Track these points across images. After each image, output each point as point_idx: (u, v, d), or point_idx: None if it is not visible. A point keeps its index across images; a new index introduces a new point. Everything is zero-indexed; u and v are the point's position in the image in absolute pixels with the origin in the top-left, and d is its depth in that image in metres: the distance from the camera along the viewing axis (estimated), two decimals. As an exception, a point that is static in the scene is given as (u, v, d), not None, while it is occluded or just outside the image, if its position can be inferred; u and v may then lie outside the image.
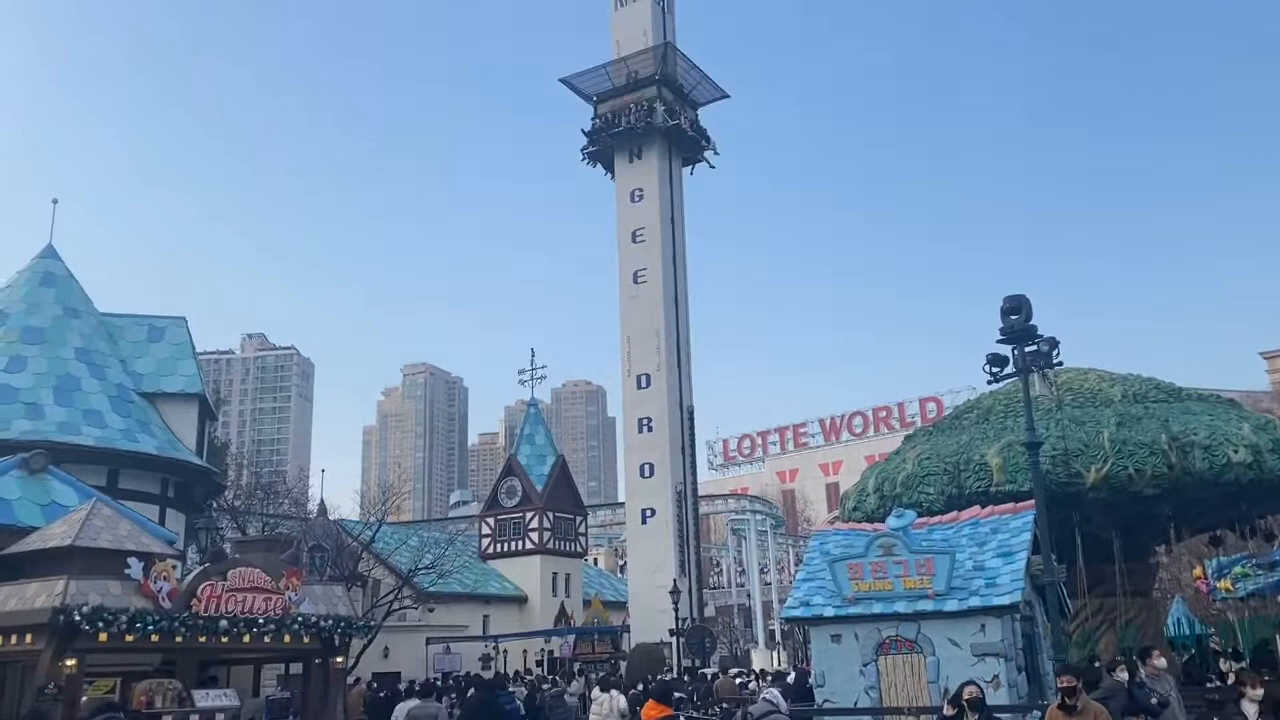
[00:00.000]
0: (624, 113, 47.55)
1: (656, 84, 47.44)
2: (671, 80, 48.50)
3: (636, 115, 46.89)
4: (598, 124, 48.64)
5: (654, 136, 47.34)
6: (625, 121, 47.01)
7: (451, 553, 40.56)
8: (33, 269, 28.63)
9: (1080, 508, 21.87)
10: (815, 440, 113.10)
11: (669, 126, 47.10)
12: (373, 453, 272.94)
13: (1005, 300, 17.44)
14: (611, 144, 48.09)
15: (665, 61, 47.79)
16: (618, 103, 48.14)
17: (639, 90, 47.85)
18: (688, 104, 49.84)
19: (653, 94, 47.33)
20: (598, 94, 49.52)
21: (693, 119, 49.97)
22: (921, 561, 16.66)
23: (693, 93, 50.58)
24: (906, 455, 25.69)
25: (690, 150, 49.99)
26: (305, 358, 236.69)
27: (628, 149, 48.10)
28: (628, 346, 47.56)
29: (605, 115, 48.49)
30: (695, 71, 50.10)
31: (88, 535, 16.68)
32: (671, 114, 47.32)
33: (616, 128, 47.35)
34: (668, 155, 48.14)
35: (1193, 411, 23.19)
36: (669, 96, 47.92)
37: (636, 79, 47.85)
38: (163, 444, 26.61)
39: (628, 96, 47.98)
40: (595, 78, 49.96)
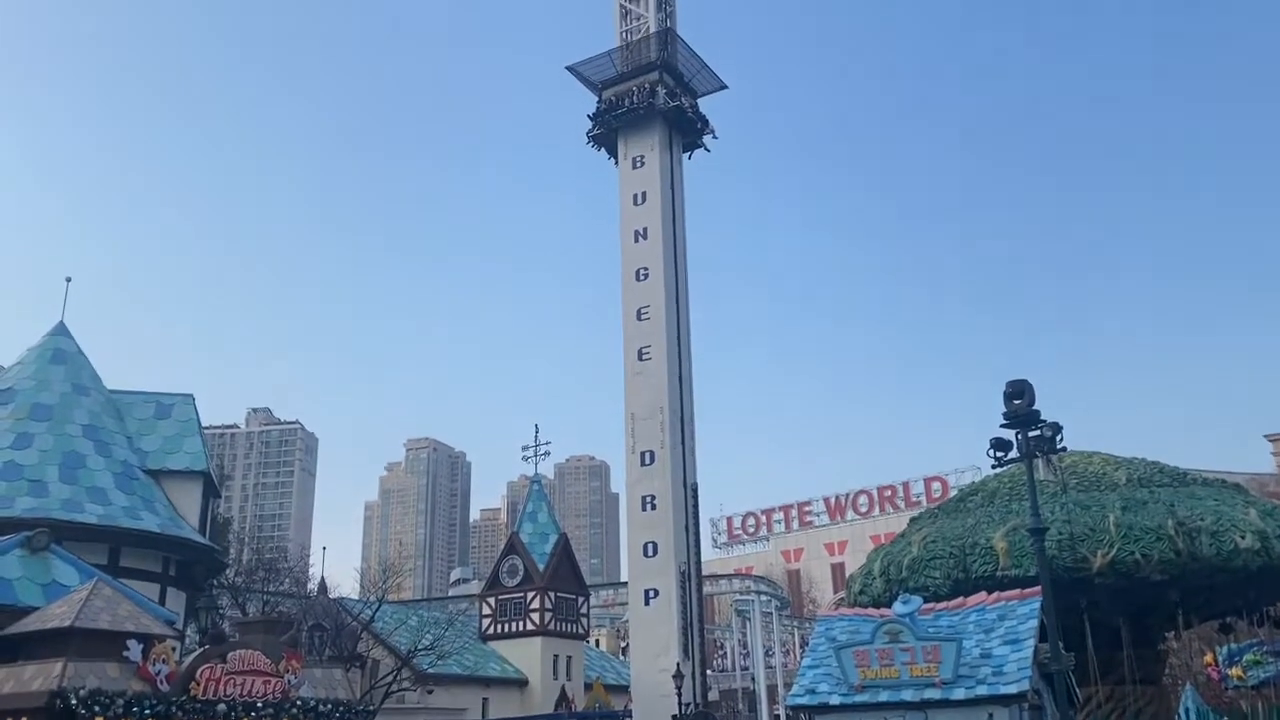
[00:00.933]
0: (627, 96, 49.54)
1: (658, 69, 49.46)
2: (672, 67, 50.54)
3: (639, 97, 48.96)
4: (601, 107, 50.53)
5: (655, 119, 49.08)
6: (629, 103, 48.98)
7: (451, 633, 40.12)
8: (43, 346, 28.89)
9: (1087, 593, 21.71)
10: (820, 519, 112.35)
11: (670, 108, 48.93)
12: (374, 528, 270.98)
13: (1008, 385, 17.58)
14: (615, 125, 49.84)
15: (666, 47, 49.89)
16: (621, 88, 50.12)
17: (642, 75, 49.89)
18: (688, 91, 51.74)
19: (654, 78, 49.32)
20: (602, 81, 51.41)
21: (693, 103, 51.82)
22: (928, 649, 16.51)
23: (693, 81, 52.47)
24: (912, 538, 25.59)
25: (690, 135, 51.69)
26: (309, 432, 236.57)
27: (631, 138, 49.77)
28: (632, 423, 47.57)
29: (609, 100, 50.33)
30: (695, 60, 52.14)
31: (88, 616, 16.56)
32: (672, 95, 49.33)
33: (619, 109, 49.25)
34: (669, 143, 49.90)
35: (1198, 496, 23.16)
36: (670, 82, 49.88)
37: (639, 64, 49.90)
38: (165, 522, 26.55)
39: (631, 82, 50.01)
40: (600, 65, 51.88)
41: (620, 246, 50.41)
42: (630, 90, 49.80)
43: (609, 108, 50.07)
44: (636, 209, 49.43)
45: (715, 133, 52.57)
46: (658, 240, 49.20)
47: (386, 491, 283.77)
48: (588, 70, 52.24)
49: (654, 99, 48.53)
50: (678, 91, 50.14)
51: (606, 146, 51.24)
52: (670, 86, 49.69)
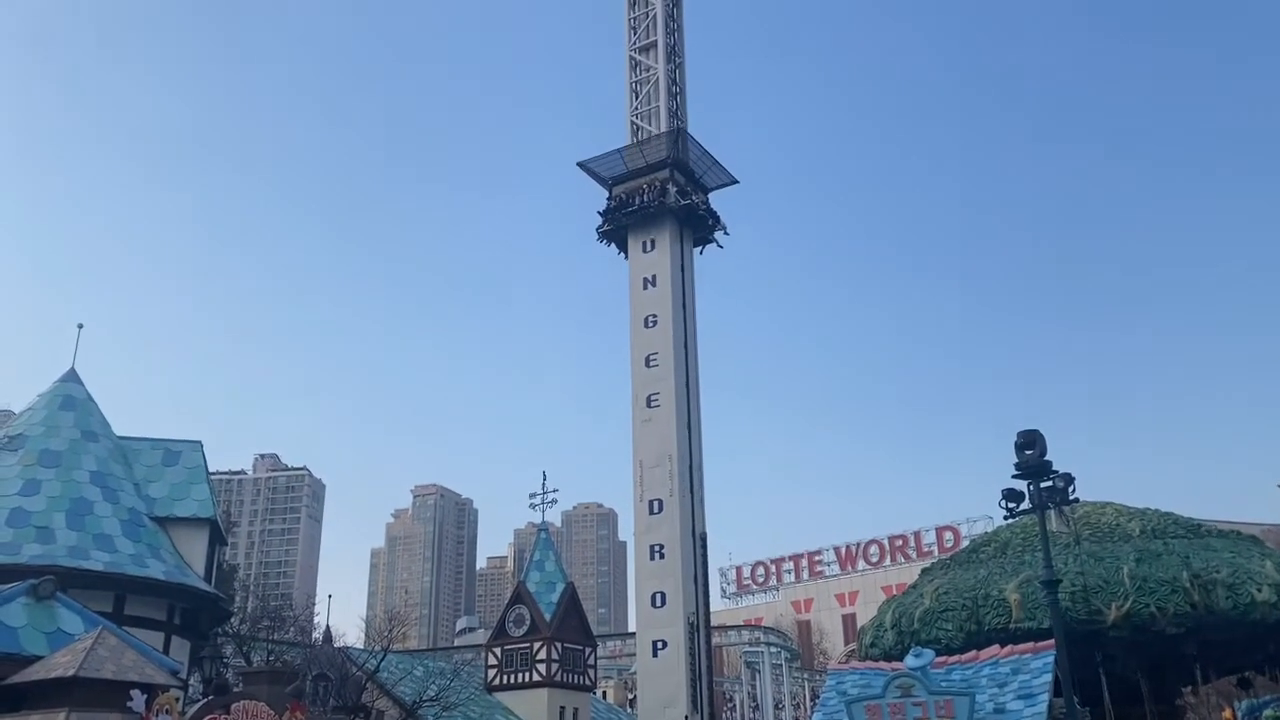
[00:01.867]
0: (638, 193, 49.18)
1: (669, 167, 49.15)
2: (683, 164, 50.24)
3: (650, 195, 48.61)
4: (612, 204, 50.21)
5: (666, 216, 48.86)
6: (639, 201, 48.56)
7: (457, 684, 39.51)
8: (53, 392, 29.02)
9: (1102, 646, 21.46)
10: (831, 569, 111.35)
11: (681, 206, 48.63)
12: (380, 575, 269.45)
13: (1019, 435, 17.53)
14: (626, 223, 49.52)
15: (678, 146, 49.69)
16: (631, 185, 49.85)
17: (652, 173, 49.60)
18: (699, 188, 51.47)
19: (665, 176, 49.05)
20: (613, 177, 51.18)
21: (704, 200, 51.56)
22: (941, 703, 16.29)
23: (704, 177, 52.21)
24: (924, 589, 25.36)
25: (701, 230, 51.40)
26: (317, 479, 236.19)
27: (641, 236, 49.36)
28: (640, 471, 47.40)
29: (619, 196, 50.04)
30: (706, 157, 51.90)
31: (92, 666, 16.45)
32: (683, 194, 48.92)
33: (630, 207, 48.96)
34: (679, 236, 49.48)
35: (1214, 548, 22.97)
36: (681, 179, 49.58)
37: (650, 163, 49.62)
38: (171, 569, 26.43)
39: (641, 179, 49.73)
40: (610, 161, 51.60)
41: (629, 294, 50.59)
42: (640, 188, 49.28)
43: (619, 205, 49.52)
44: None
45: (727, 229, 52.04)
46: (665, 283, 49.37)
47: (393, 539, 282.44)
48: (598, 166, 52.00)
49: (665, 197, 48.04)
50: (689, 190, 49.60)
51: (616, 241, 50.79)
52: (681, 184, 49.18)
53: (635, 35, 54.83)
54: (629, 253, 50.09)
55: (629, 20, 55.17)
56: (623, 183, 50.03)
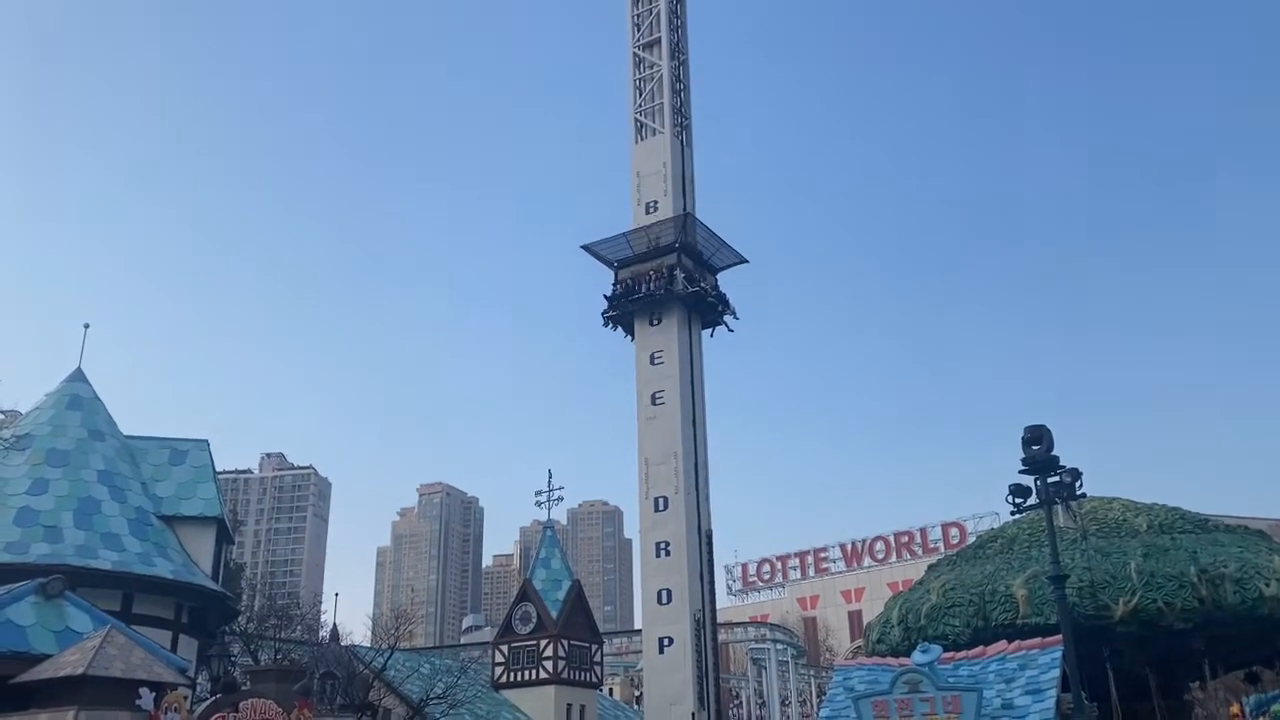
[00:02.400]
0: (644, 279, 47.42)
1: (676, 252, 47.34)
2: (691, 248, 48.49)
3: (657, 282, 46.82)
4: (618, 289, 48.44)
5: (673, 302, 47.27)
6: (646, 288, 46.87)
7: (464, 682, 39.55)
8: (60, 392, 29.09)
9: (1110, 642, 21.43)
10: (836, 565, 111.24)
11: (689, 293, 47.03)
12: (386, 574, 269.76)
13: (1026, 430, 17.48)
14: (632, 310, 48.03)
15: (685, 231, 47.94)
16: (638, 269, 48.12)
17: (659, 258, 47.80)
18: (707, 269, 49.76)
19: (673, 261, 47.29)
20: (619, 260, 49.46)
21: (713, 284, 49.77)
22: (948, 699, 16.26)
23: (712, 258, 50.48)
24: (931, 585, 25.35)
25: (710, 314, 49.68)
26: (323, 477, 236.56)
27: (648, 315, 47.92)
28: (645, 469, 47.39)
29: (625, 281, 48.27)
30: (714, 239, 50.01)
31: (100, 664, 16.50)
32: (691, 280, 47.15)
33: (637, 294, 47.24)
34: (687, 322, 47.91)
35: (1222, 543, 22.93)
36: (689, 264, 47.80)
37: (657, 246, 47.82)
38: (179, 568, 26.50)
39: (648, 264, 47.95)
40: (616, 245, 49.86)
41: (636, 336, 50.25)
42: (647, 273, 47.63)
43: (626, 291, 47.86)
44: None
45: (736, 313, 50.61)
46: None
47: (399, 537, 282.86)
48: (603, 249, 50.30)
49: (672, 285, 46.64)
50: (697, 276, 48.02)
51: (622, 325, 49.42)
52: (689, 270, 47.65)
53: (639, 32, 54.77)
54: (635, 334, 48.67)
55: (632, 17, 55.05)
56: (629, 266, 48.33)
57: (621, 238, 49.28)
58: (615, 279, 49.23)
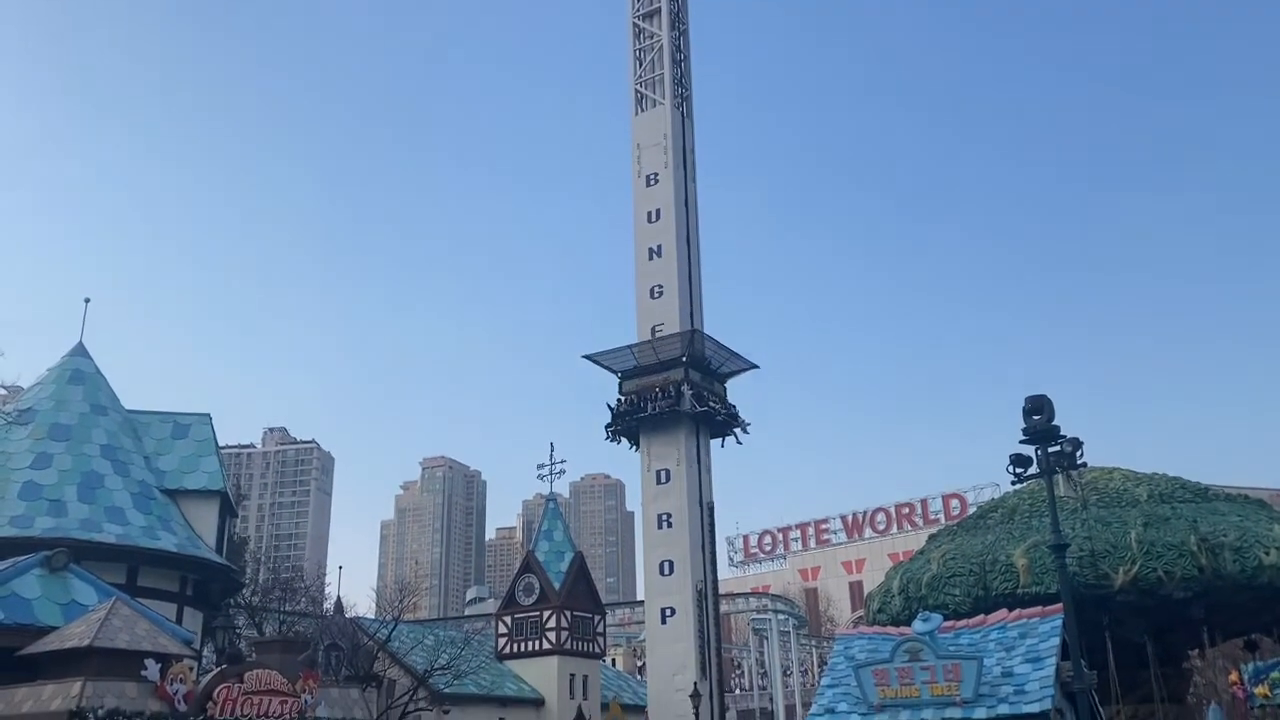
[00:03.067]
0: (650, 396, 45.49)
1: (683, 366, 45.62)
2: (699, 361, 46.85)
3: (664, 400, 45.07)
4: (622, 404, 46.67)
5: (681, 420, 45.77)
6: (652, 408, 44.94)
7: (468, 653, 39.93)
8: (62, 367, 29.10)
9: (1109, 610, 21.50)
10: (837, 537, 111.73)
11: (697, 413, 45.47)
12: (390, 547, 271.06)
13: (1027, 400, 17.46)
14: (637, 425, 46.48)
15: (692, 345, 46.31)
16: (644, 381, 46.38)
17: (665, 372, 46.09)
18: (715, 378, 48.26)
19: (679, 375, 45.45)
20: (623, 371, 47.88)
21: (722, 395, 48.43)
22: (949, 667, 16.35)
23: (721, 368, 49.14)
24: (931, 555, 25.42)
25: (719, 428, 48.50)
26: (325, 452, 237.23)
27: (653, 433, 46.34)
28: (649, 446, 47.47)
29: (631, 396, 46.45)
30: (722, 350, 48.48)
31: (106, 636, 16.62)
32: (700, 398, 45.39)
33: (642, 411, 45.43)
34: (694, 434, 46.32)
35: (1221, 512, 22.95)
36: (696, 377, 46.07)
37: (663, 361, 46.18)
38: (183, 541, 26.62)
39: (654, 378, 46.25)
40: (620, 356, 48.31)
41: (634, 264, 50.47)
42: (654, 386, 45.87)
43: (631, 408, 46.10)
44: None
45: (747, 427, 49.18)
46: (671, 254, 49.25)
47: (402, 510, 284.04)
48: (607, 360, 48.91)
49: (679, 403, 45.02)
50: (705, 393, 46.28)
51: (627, 437, 47.91)
52: (696, 383, 45.90)
53: (639, 2, 54.34)
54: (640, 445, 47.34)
55: (633, -14, 54.64)
56: (634, 378, 46.61)
57: (627, 350, 47.45)
58: (620, 389, 47.39)
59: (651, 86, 52.57)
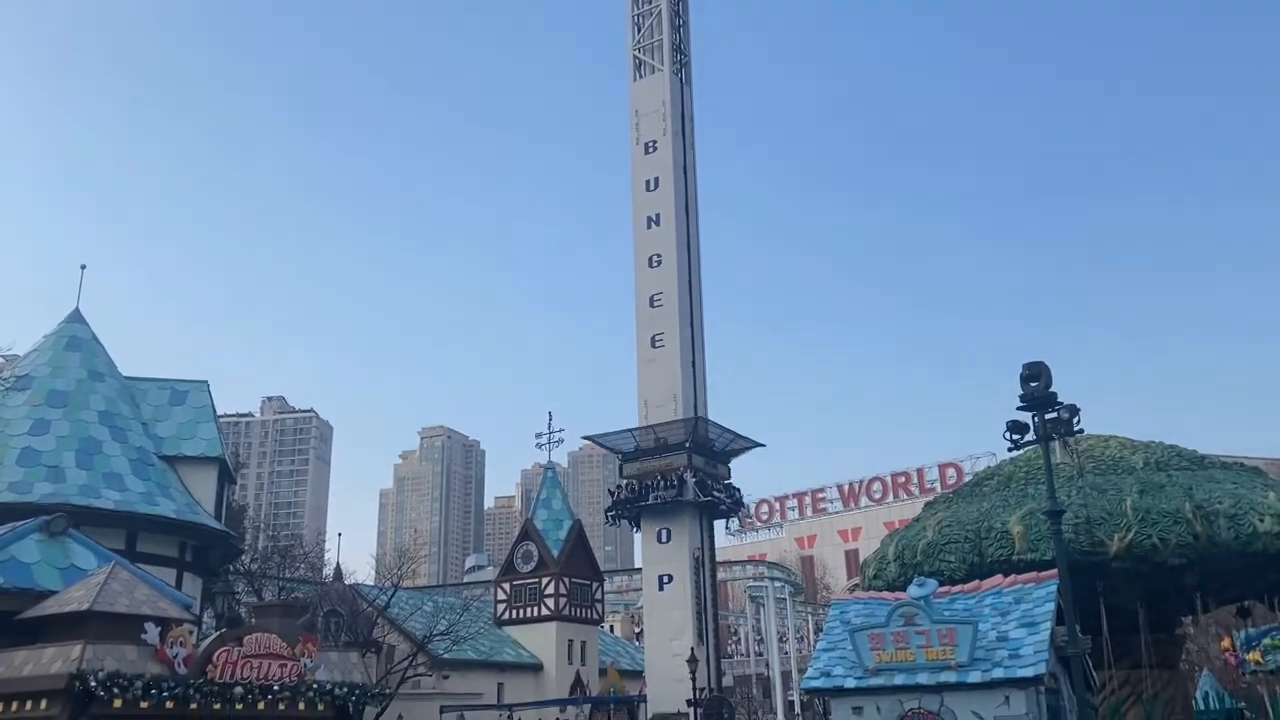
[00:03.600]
0: (653, 484, 44.57)
1: (687, 452, 44.91)
2: (703, 445, 46.22)
3: (666, 489, 44.27)
4: (623, 492, 45.86)
5: (685, 508, 44.95)
6: (655, 496, 44.10)
7: (467, 619, 40.27)
8: (59, 333, 29.04)
9: (1104, 577, 21.59)
10: (834, 506, 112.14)
11: (701, 502, 44.79)
12: (389, 516, 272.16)
13: (1025, 367, 17.44)
14: (639, 512, 45.84)
15: (695, 431, 45.62)
16: (646, 465, 45.46)
17: (667, 456, 45.36)
18: (719, 458, 47.78)
19: (683, 461, 44.79)
20: (624, 453, 47.29)
21: (725, 477, 47.87)
22: (944, 632, 16.45)
23: (726, 449, 48.60)
24: (927, 523, 25.50)
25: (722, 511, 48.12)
26: (324, 420, 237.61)
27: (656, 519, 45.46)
28: (645, 410, 47.51)
29: (632, 482, 45.53)
30: (726, 434, 48.00)
31: (105, 600, 16.68)
32: (704, 488, 44.69)
33: (644, 500, 44.62)
34: (698, 520, 45.66)
35: (1217, 480, 23.00)
36: (700, 463, 45.48)
37: (664, 444, 45.39)
38: (182, 508, 26.69)
39: (656, 462, 45.41)
40: (621, 439, 47.89)
41: (632, 231, 50.34)
42: (655, 475, 44.87)
43: (632, 495, 45.18)
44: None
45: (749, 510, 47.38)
46: (670, 223, 49.11)
47: (401, 479, 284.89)
48: (609, 441, 48.58)
49: (682, 492, 44.17)
50: (709, 483, 45.45)
51: (628, 519, 47.24)
52: (699, 471, 45.14)
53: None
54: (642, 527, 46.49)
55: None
56: (635, 461, 45.98)
57: (628, 433, 47.12)
58: (621, 473, 47.06)
59: (650, 53, 52.11)
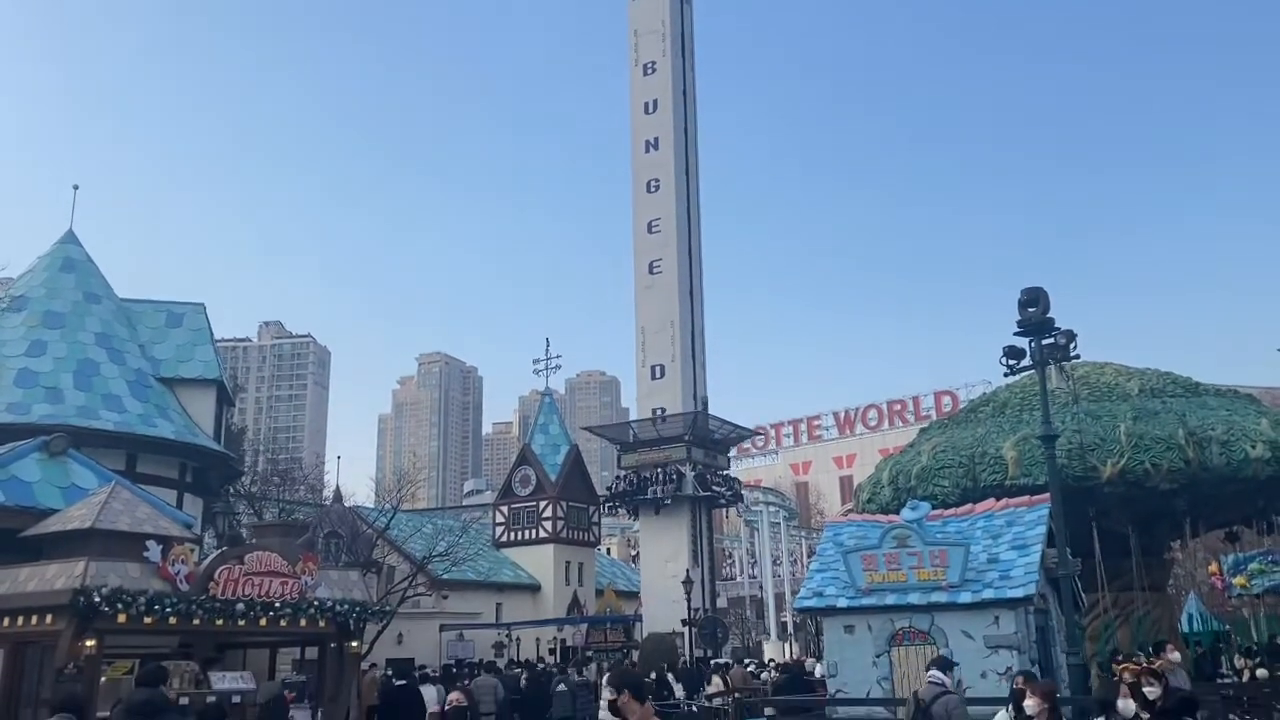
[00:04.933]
0: (651, 477, 44.09)
1: (686, 445, 44.61)
2: (703, 438, 45.97)
3: (665, 485, 43.77)
4: (622, 484, 45.31)
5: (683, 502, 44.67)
6: (653, 491, 43.78)
7: (465, 540, 40.72)
8: (53, 254, 28.80)
9: (1096, 502, 21.85)
10: (829, 433, 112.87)
11: (700, 496, 44.61)
12: (388, 441, 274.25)
13: (1023, 292, 17.40)
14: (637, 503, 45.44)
15: (695, 425, 45.29)
16: (644, 456, 45.10)
17: (666, 448, 44.94)
18: (718, 449, 47.69)
19: (682, 454, 44.46)
20: (622, 444, 47.07)
21: (724, 468, 47.88)
22: (936, 553, 16.68)
23: (726, 439, 48.71)
24: (921, 448, 25.69)
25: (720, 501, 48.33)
26: (322, 346, 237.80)
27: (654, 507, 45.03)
28: (642, 337, 47.57)
29: (630, 474, 44.99)
30: (725, 426, 47.83)
31: (107, 518, 16.84)
32: (703, 482, 44.46)
33: (642, 494, 44.30)
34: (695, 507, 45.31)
35: (1210, 407, 23.12)
36: (699, 455, 45.23)
37: (663, 436, 45.03)
38: (180, 429, 26.78)
39: (654, 454, 44.99)
40: (620, 431, 47.92)
41: (630, 156, 49.83)
42: (654, 463, 44.37)
43: (631, 488, 44.71)
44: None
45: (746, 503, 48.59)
46: (669, 147, 48.56)
47: (399, 405, 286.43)
48: (607, 433, 48.94)
49: (681, 486, 43.82)
50: (708, 476, 45.13)
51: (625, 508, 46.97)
52: (698, 461, 44.85)
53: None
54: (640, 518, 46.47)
55: None
56: (634, 451, 45.58)
57: (626, 425, 47.15)
58: (619, 463, 46.91)
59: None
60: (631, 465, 45.40)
